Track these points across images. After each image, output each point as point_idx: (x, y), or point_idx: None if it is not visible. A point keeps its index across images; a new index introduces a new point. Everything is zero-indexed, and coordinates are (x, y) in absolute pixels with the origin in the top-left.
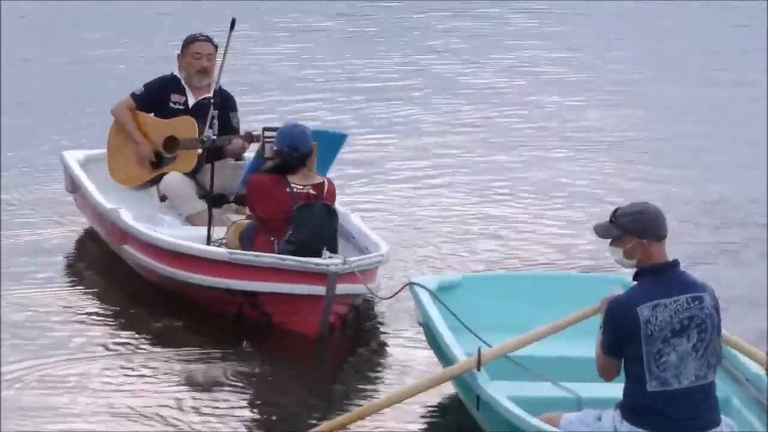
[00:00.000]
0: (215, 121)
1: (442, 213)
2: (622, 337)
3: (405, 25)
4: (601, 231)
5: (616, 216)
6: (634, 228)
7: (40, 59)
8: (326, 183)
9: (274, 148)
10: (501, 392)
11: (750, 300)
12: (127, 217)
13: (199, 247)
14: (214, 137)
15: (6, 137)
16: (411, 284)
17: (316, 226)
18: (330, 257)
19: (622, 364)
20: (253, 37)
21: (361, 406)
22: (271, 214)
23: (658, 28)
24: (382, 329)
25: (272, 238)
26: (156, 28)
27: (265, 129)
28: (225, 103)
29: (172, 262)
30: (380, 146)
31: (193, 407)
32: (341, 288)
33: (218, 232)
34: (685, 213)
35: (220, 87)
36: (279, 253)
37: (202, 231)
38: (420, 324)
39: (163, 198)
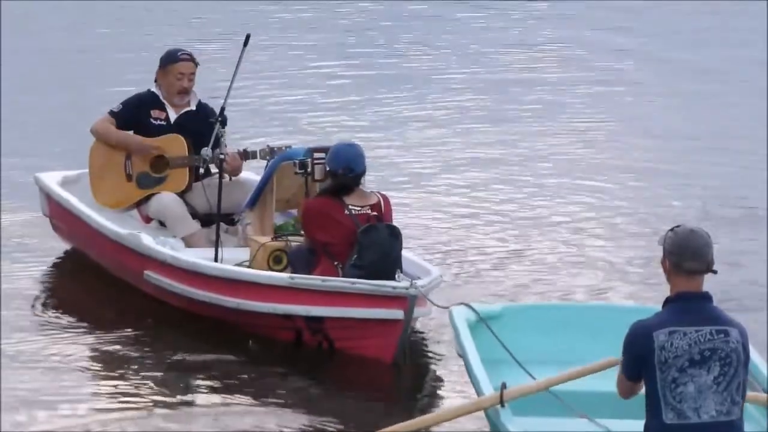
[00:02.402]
0: (222, 139)
1: (483, 238)
2: (638, 363)
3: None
4: (660, 238)
5: (671, 229)
6: (665, 243)
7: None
8: (382, 200)
9: (327, 169)
10: (524, 429)
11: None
12: (149, 242)
13: (255, 272)
14: (222, 155)
15: None
16: (450, 314)
17: (382, 248)
18: (404, 280)
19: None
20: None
21: None
22: (332, 238)
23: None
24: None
25: (335, 263)
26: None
27: (313, 150)
28: (208, 118)
29: (220, 288)
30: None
31: None
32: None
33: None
34: None
35: (199, 101)
36: (345, 277)
37: (210, 252)
38: (459, 355)
39: (147, 219)
